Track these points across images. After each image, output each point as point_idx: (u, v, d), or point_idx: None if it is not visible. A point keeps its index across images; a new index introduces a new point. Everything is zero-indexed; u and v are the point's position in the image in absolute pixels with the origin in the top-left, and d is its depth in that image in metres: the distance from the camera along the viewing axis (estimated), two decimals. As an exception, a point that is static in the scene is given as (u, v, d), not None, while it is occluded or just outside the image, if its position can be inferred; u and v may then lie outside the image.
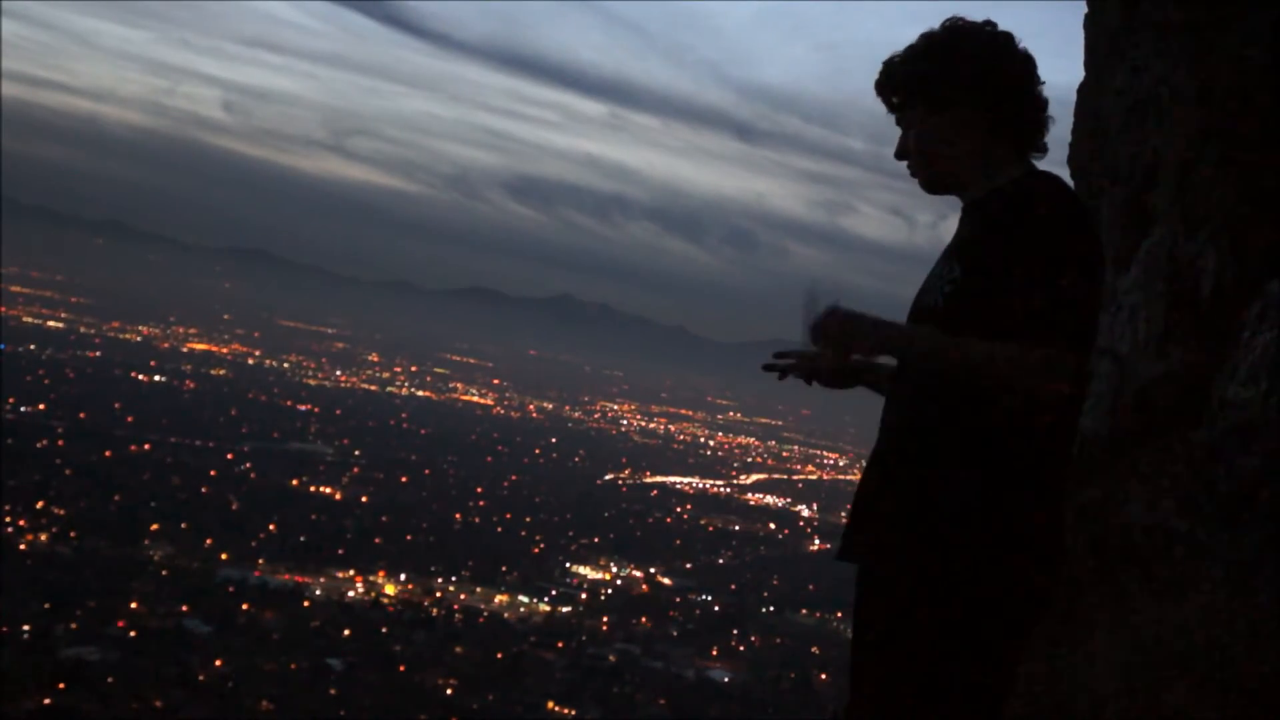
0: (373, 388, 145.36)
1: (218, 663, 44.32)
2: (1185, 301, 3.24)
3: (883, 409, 2.41)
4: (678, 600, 64.47)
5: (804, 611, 64.75)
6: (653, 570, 70.05)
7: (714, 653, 56.41)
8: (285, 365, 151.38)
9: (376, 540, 64.88)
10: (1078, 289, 2.15)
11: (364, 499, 75.00)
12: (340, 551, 62.55)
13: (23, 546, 52.78)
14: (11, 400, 77.27)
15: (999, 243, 2.20)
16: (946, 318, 2.25)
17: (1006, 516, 2.18)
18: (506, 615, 58.59)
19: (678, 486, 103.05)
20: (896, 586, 2.25)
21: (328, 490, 76.30)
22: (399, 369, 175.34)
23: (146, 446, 75.99)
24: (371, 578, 59.83)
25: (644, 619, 59.83)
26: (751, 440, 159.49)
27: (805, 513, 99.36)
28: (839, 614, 62.75)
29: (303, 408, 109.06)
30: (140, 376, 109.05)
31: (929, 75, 2.32)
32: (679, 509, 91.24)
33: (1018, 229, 2.18)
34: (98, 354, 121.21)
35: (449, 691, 46.07)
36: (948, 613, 2.18)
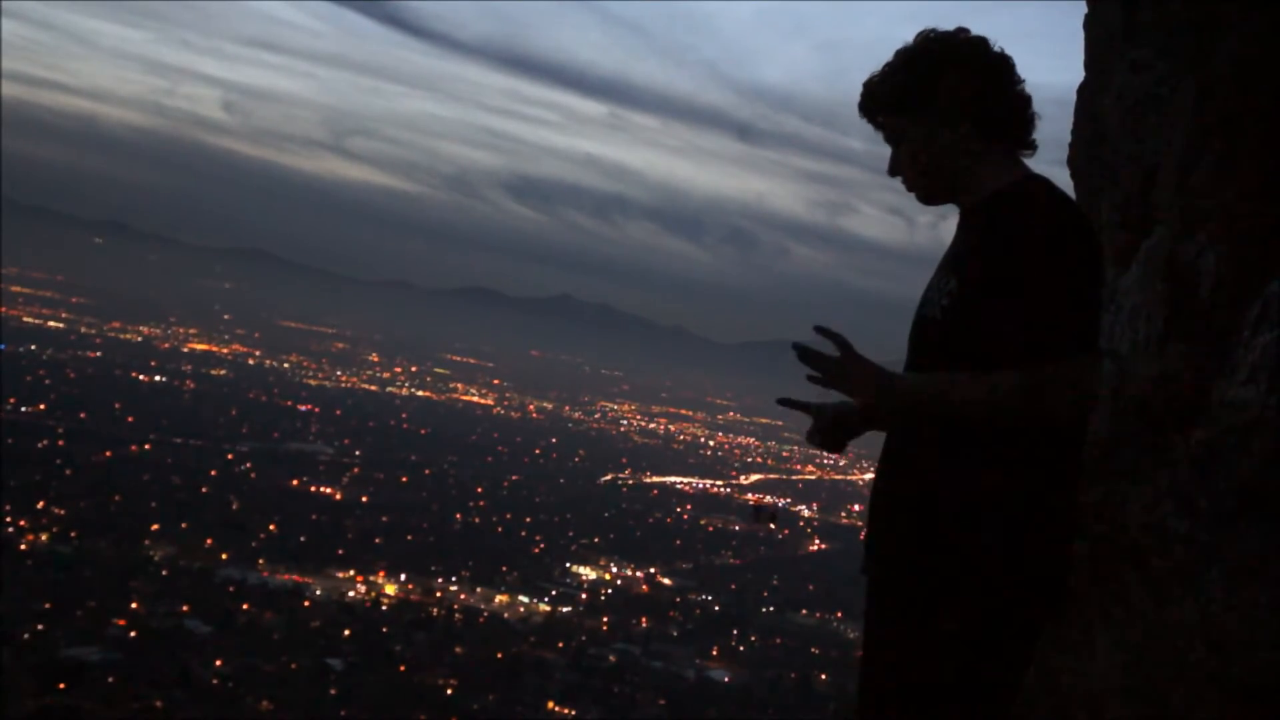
0: (373, 388, 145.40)
1: (218, 663, 44.31)
2: (1185, 301, 3.24)
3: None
4: (678, 600, 64.47)
5: (804, 611, 64.73)
6: (653, 570, 70.07)
7: (714, 653, 56.41)
8: (285, 365, 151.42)
9: (376, 540, 64.90)
10: (1078, 294, 2.14)
11: (364, 499, 75.03)
12: (340, 551, 62.57)
13: (23, 546, 52.78)
14: (12, 400, 77.29)
15: (995, 253, 2.18)
16: (946, 330, 2.24)
17: (1017, 517, 2.17)
18: (506, 615, 58.60)
19: (678, 486, 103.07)
20: (909, 590, 2.23)
21: (328, 490, 76.34)
22: (399, 369, 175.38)
23: (146, 446, 76.04)
24: (371, 578, 59.84)
25: (644, 619, 59.83)
26: (751, 440, 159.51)
27: (805, 513, 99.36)
28: (839, 614, 62.76)
29: (303, 408, 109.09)
30: (140, 376, 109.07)
31: (914, 87, 2.31)
32: (679, 509, 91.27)
33: (1013, 238, 2.16)
34: (98, 354, 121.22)
35: (449, 691, 46.06)
36: (960, 614, 2.17)
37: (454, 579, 61.87)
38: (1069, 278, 2.13)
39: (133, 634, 45.64)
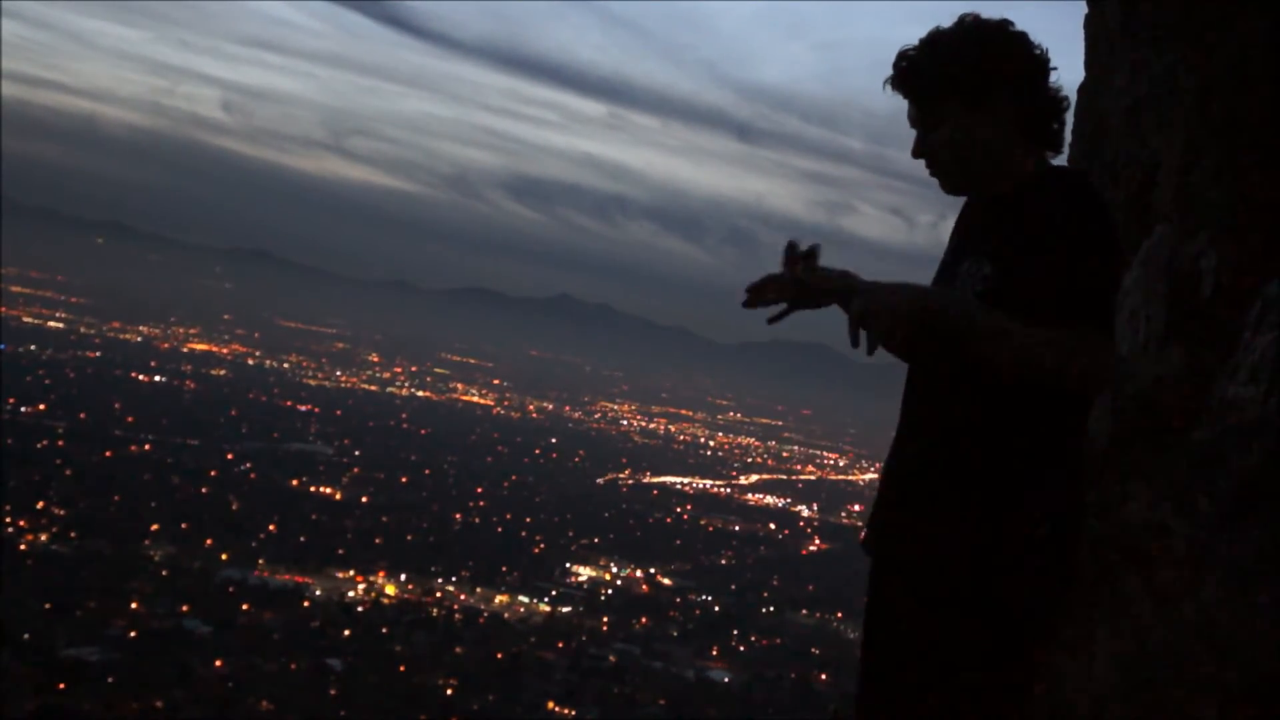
0: (373, 388, 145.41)
1: (218, 663, 44.32)
2: (1185, 301, 3.24)
3: (903, 396, 2.36)
4: (678, 600, 64.47)
5: (804, 611, 64.73)
6: (653, 570, 70.06)
7: (714, 653, 56.40)
8: (285, 365, 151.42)
9: (376, 540, 64.89)
10: (1106, 282, 2.14)
11: (364, 499, 75.02)
12: (340, 551, 62.57)
13: (23, 546, 52.77)
14: (11, 400, 77.25)
15: (1034, 243, 2.14)
16: None
17: (1027, 506, 2.16)
18: (506, 615, 58.59)
19: (678, 486, 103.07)
20: (915, 578, 2.22)
21: (328, 490, 76.31)
22: (399, 369, 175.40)
23: (146, 446, 76.03)
24: (371, 578, 59.83)
25: (644, 619, 59.82)
26: (751, 440, 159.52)
27: (805, 513, 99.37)
28: (839, 614, 62.75)
29: (303, 408, 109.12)
30: (140, 376, 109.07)
31: (967, 69, 2.22)
32: (679, 509, 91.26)
33: (1053, 230, 2.13)
34: (98, 354, 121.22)
35: (449, 692, 46.06)
36: (967, 604, 2.15)
37: (454, 579, 61.86)
38: (1102, 264, 2.12)
39: (133, 634, 45.63)
